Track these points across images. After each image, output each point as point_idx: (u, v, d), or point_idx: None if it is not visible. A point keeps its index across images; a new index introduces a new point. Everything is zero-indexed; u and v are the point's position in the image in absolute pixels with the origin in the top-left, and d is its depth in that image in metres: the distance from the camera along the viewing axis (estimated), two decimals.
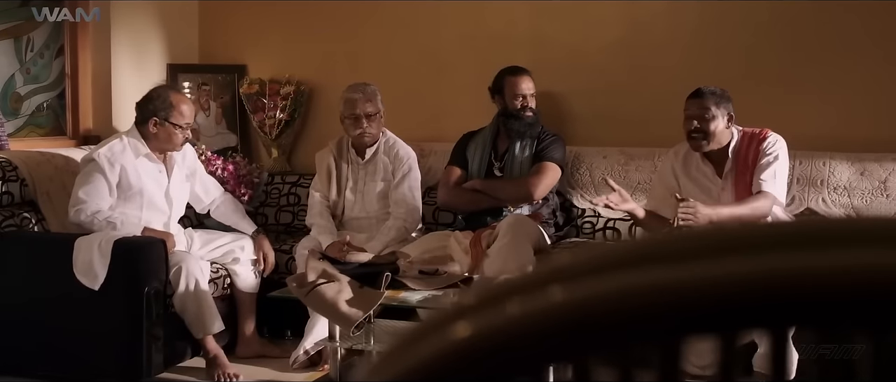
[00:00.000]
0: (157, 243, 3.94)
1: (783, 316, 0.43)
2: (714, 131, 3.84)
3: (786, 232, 0.45)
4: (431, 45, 5.23)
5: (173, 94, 4.28)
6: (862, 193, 4.33)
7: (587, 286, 0.41)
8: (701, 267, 0.39)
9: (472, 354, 0.44)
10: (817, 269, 0.42)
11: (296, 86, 5.34)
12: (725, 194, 3.87)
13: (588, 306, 0.40)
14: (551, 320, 0.41)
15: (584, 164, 4.76)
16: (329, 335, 3.49)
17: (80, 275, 3.86)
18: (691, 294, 0.39)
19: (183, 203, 4.43)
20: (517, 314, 0.42)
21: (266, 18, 5.54)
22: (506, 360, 0.42)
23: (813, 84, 4.59)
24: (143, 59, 5.30)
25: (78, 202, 4.06)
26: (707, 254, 0.40)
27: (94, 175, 4.09)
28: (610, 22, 4.91)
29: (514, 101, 4.54)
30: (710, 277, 0.40)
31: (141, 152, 4.20)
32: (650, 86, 4.84)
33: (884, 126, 4.48)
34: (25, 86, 4.81)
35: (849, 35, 4.54)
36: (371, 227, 4.50)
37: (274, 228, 5.06)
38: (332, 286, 3.34)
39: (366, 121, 4.45)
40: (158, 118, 4.17)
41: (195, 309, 4.00)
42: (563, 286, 0.41)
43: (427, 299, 3.45)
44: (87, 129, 5.07)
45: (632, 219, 4.06)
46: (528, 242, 4.17)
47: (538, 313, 0.41)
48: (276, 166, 5.39)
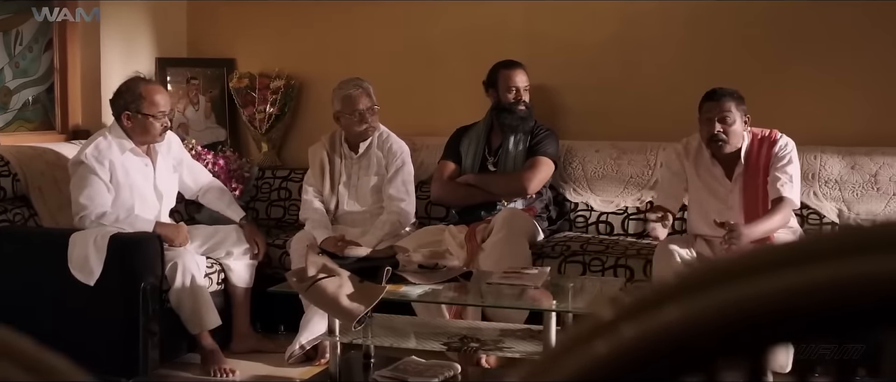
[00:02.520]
0: (152, 238, 3.92)
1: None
2: (736, 135, 3.81)
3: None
4: (423, 39, 5.23)
5: (143, 85, 4.23)
6: (853, 187, 4.37)
7: (774, 281, 0.41)
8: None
9: (652, 351, 0.45)
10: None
11: (286, 81, 5.32)
12: (733, 196, 3.87)
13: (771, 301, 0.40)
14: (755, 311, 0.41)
15: (576, 158, 4.78)
16: (329, 329, 3.48)
17: (75, 271, 3.83)
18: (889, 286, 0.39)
19: (172, 195, 4.41)
20: (729, 299, 0.43)
21: (254, 12, 5.52)
22: (689, 357, 0.43)
23: (804, 79, 4.63)
24: (131, 53, 5.26)
25: (80, 208, 4.02)
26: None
27: (88, 177, 4.06)
28: (602, 17, 4.93)
29: (508, 95, 4.55)
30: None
31: (126, 147, 4.17)
32: (642, 81, 4.87)
33: (874, 120, 4.53)
34: (14, 80, 4.76)
35: (839, 31, 4.58)
36: (365, 222, 4.49)
37: (265, 223, 5.05)
38: (332, 280, 3.34)
39: (368, 115, 4.45)
40: (130, 111, 4.14)
41: (191, 305, 3.98)
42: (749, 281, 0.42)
43: (427, 293, 3.45)
44: (76, 124, 5.03)
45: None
46: (524, 236, 4.19)
47: (750, 299, 0.42)
48: (266, 161, 5.37)
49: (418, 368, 3.51)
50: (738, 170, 3.86)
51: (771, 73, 4.65)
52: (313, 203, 4.53)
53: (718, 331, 0.43)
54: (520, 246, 4.12)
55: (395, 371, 3.48)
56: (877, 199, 4.33)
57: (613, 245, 4.35)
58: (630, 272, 4.10)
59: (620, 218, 4.68)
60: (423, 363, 3.55)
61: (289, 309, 4.21)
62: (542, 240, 4.38)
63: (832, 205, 4.38)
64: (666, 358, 0.44)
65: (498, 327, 3.65)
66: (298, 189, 5.01)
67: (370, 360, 3.64)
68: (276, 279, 4.37)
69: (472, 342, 3.41)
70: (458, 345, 3.40)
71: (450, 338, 3.46)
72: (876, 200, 4.33)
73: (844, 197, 4.38)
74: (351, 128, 4.49)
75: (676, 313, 0.44)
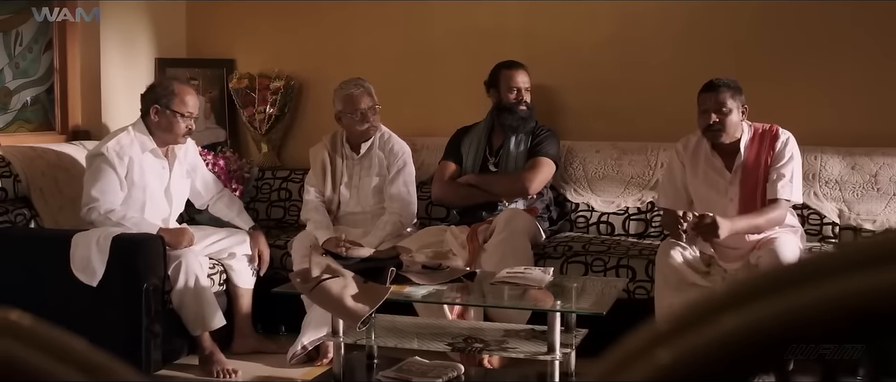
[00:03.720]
0: (155, 239, 3.92)
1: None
2: (732, 125, 3.84)
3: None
4: (422, 40, 5.23)
5: (177, 84, 4.30)
6: (853, 187, 4.39)
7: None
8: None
9: (746, 347, 0.45)
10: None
11: (285, 81, 5.32)
12: (733, 188, 3.89)
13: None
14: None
15: (577, 159, 4.79)
16: (332, 330, 3.48)
17: (77, 272, 3.82)
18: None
19: (182, 200, 4.41)
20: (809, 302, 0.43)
21: (254, 13, 5.52)
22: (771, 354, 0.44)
23: (803, 79, 4.65)
24: (131, 53, 5.26)
25: (91, 200, 4.02)
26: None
27: (104, 170, 4.05)
28: (601, 17, 4.94)
29: (509, 95, 4.56)
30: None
31: (147, 147, 4.18)
32: (642, 81, 4.88)
33: (874, 121, 4.55)
34: (14, 80, 4.75)
35: (839, 30, 4.60)
36: (366, 222, 4.50)
37: (265, 223, 5.04)
38: (337, 281, 3.33)
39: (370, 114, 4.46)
40: (159, 106, 4.15)
41: (194, 306, 3.97)
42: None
43: (432, 293, 3.45)
44: (76, 125, 5.03)
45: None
46: (526, 237, 4.19)
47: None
48: (265, 161, 5.37)
49: (422, 368, 3.51)
50: (737, 162, 3.88)
51: (770, 73, 4.66)
52: (314, 203, 4.53)
53: (785, 335, 0.44)
54: (522, 247, 4.13)
55: (400, 372, 3.48)
56: (877, 200, 4.35)
57: (615, 245, 4.36)
58: (632, 272, 4.11)
59: (621, 218, 4.68)
60: (426, 363, 3.56)
61: (290, 309, 4.21)
62: (543, 241, 4.39)
63: (833, 206, 4.40)
64: (728, 365, 0.45)
65: (502, 327, 3.66)
66: (298, 189, 5.02)
67: (373, 361, 3.64)
68: (278, 280, 4.37)
69: (476, 342, 3.42)
70: (463, 346, 3.40)
71: (454, 339, 3.46)
72: (876, 200, 4.35)
73: (845, 197, 4.40)
74: (353, 129, 4.49)
75: (733, 321, 0.45)
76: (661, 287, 3.89)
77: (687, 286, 3.86)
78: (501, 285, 3.50)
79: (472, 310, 3.97)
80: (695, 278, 3.86)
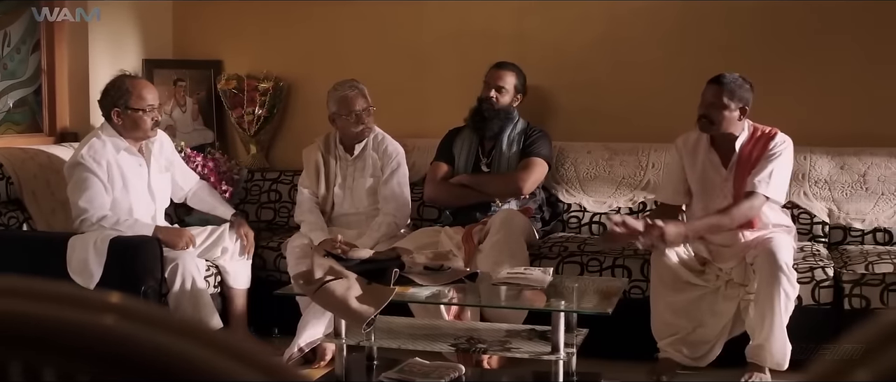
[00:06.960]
0: (152, 241, 3.89)
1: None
2: (722, 120, 3.89)
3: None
4: (413, 41, 5.23)
5: (129, 80, 4.21)
6: (842, 187, 4.45)
7: None
8: None
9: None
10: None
11: (274, 82, 5.30)
12: (728, 185, 3.93)
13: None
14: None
15: (568, 160, 4.81)
16: (335, 332, 3.48)
17: (74, 275, 3.79)
18: None
19: (166, 195, 4.38)
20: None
21: (241, 13, 5.49)
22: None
23: (793, 79, 4.70)
24: (119, 54, 5.21)
25: (80, 212, 3.98)
26: None
27: (86, 178, 4.02)
28: (592, 18, 4.97)
29: (485, 91, 4.59)
30: None
31: (120, 147, 4.14)
32: (633, 81, 4.91)
33: (862, 120, 4.61)
34: (2, 81, 4.71)
35: (828, 31, 4.66)
36: (360, 223, 4.49)
37: (255, 226, 5.01)
38: (340, 283, 3.33)
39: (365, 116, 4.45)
40: (119, 108, 4.11)
41: (191, 308, 3.95)
42: None
43: (435, 294, 3.46)
44: (64, 126, 4.98)
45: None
46: (522, 237, 4.21)
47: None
48: (254, 163, 5.34)
49: (424, 369, 3.51)
50: (733, 160, 3.93)
51: (760, 73, 4.68)
52: (308, 205, 4.52)
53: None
54: (518, 247, 4.14)
55: (401, 373, 3.48)
56: (866, 199, 4.42)
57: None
58: (628, 272, 4.14)
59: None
60: (427, 364, 3.56)
61: (283, 311, 4.20)
62: (538, 241, 4.41)
63: (822, 205, 4.46)
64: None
65: (502, 328, 3.67)
66: (288, 191, 5.01)
67: (373, 362, 3.64)
68: (271, 281, 4.36)
69: (478, 343, 3.43)
70: (467, 346, 3.41)
71: (456, 340, 3.47)
72: (865, 200, 4.42)
73: (834, 196, 4.46)
74: (347, 130, 4.49)
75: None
76: (656, 286, 3.93)
77: (682, 285, 3.90)
78: (504, 286, 3.51)
79: (468, 311, 3.98)
80: (690, 277, 3.90)
